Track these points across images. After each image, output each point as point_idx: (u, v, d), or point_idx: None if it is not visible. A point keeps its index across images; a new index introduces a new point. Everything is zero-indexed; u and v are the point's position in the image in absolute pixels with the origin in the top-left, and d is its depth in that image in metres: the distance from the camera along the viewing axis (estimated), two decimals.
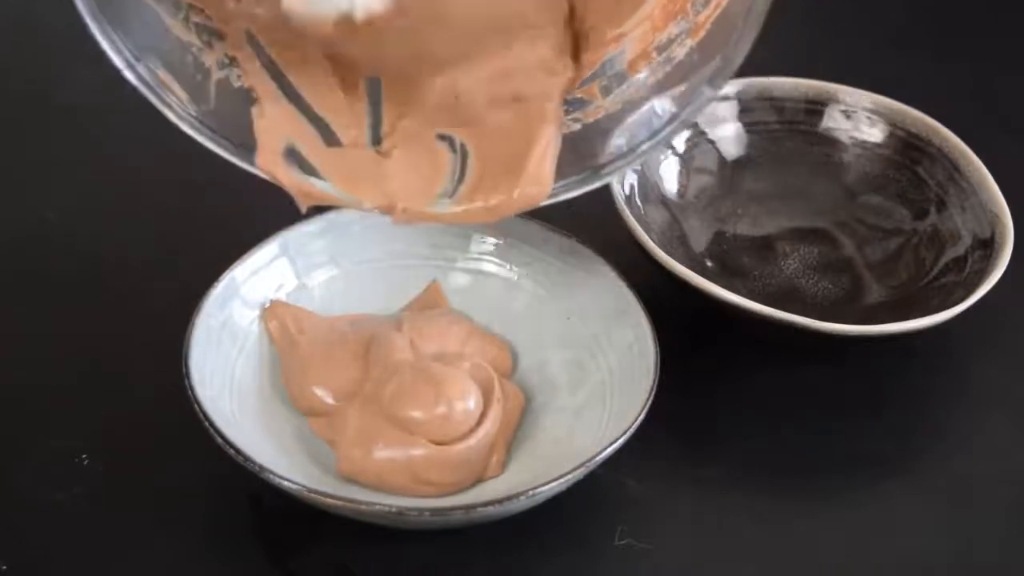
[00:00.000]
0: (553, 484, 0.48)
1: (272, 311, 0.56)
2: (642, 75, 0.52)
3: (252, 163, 0.50)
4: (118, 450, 0.54)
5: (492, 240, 0.59)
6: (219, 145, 0.50)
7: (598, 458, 0.49)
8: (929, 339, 0.57)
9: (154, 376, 0.54)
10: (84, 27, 0.47)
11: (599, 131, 0.53)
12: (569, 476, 0.48)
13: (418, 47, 0.50)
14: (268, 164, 0.50)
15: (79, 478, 0.52)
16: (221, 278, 0.54)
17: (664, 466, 0.55)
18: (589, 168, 0.52)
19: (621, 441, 0.49)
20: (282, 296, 0.56)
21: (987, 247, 0.59)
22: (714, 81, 0.50)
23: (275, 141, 0.51)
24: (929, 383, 0.60)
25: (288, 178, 0.51)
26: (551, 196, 0.52)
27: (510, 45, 0.51)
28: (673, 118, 0.51)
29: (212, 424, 0.48)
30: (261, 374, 0.54)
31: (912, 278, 0.62)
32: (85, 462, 0.53)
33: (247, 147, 0.50)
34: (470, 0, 0.49)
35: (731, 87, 0.65)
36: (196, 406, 0.49)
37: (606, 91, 0.53)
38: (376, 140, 0.53)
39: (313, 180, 0.52)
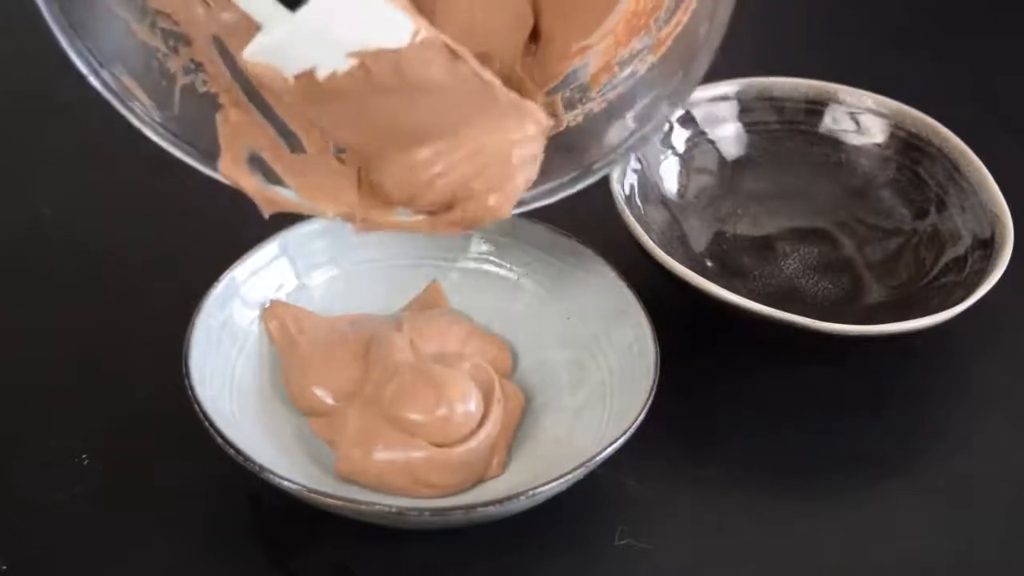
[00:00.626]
0: (553, 484, 0.48)
1: (272, 311, 0.56)
2: (605, 88, 0.52)
3: (215, 169, 0.50)
4: (118, 450, 0.54)
5: (492, 240, 0.59)
6: (183, 151, 0.50)
7: (598, 458, 0.49)
8: (929, 339, 0.57)
9: (154, 376, 0.54)
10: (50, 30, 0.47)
11: (563, 144, 0.53)
12: (569, 476, 0.48)
13: (385, 119, 0.49)
14: (231, 170, 0.51)
15: (79, 478, 0.52)
16: (221, 278, 0.54)
17: (664, 466, 0.55)
18: (548, 183, 0.52)
19: (621, 441, 0.49)
20: (282, 296, 0.56)
21: (987, 247, 0.59)
22: (674, 98, 0.51)
23: (238, 147, 0.51)
24: (929, 383, 0.60)
25: (251, 184, 0.51)
26: (515, 207, 0.52)
27: (489, 124, 0.50)
28: (633, 133, 0.51)
29: (212, 424, 0.48)
30: (261, 374, 0.54)
31: (912, 278, 0.62)
32: (85, 462, 0.53)
33: (211, 153, 0.51)
34: (438, 67, 0.48)
35: (731, 87, 0.66)
36: (196, 406, 0.49)
37: (569, 103, 0.53)
38: (340, 148, 0.53)
39: (276, 187, 0.52)
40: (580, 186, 0.52)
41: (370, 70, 0.47)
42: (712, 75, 0.65)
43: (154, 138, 0.50)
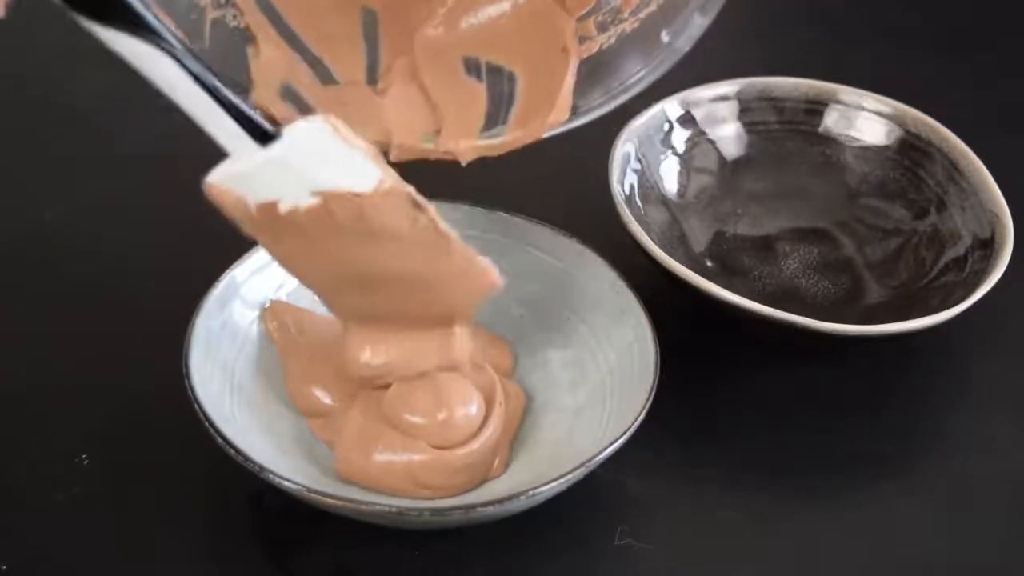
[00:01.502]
0: (553, 484, 0.48)
1: (272, 311, 0.56)
2: (637, 8, 0.52)
3: (248, 102, 0.50)
4: (118, 450, 0.54)
5: (492, 239, 0.58)
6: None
7: (598, 458, 0.49)
8: (929, 339, 0.57)
9: (154, 376, 0.54)
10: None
11: (597, 65, 0.53)
12: (569, 476, 0.48)
13: (341, 257, 0.49)
14: (265, 101, 0.50)
15: (79, 478, 0.52)
16: (221, 278, 0.54)
17: (664, 466, 0.55)
18: (585, 104, 0.52)
19: (621, 441, 0.49)
20: (282, 296, 0.56)
21: (987, 247, 0.59)
22: (705, 8, 0.50)
23: (271, 79, 0.51)
24: (929, 383, 0.60)
25: (285, 115, 0.51)
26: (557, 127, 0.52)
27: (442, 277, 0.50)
28: (666, 48, 0.51)
29: (212, 424, 0.48)
30: (261, 374, 0.54)
31: (912, 278, 0.62)
32: (85, 462, 0.53)
33: (243, 86, 0.50)
34: (398, 216, 0.48)
35: (731, 87, 0.66)
36: (196, 406, 0.49)
37: (602, 27, 0.53)
38: (372, 80, 0.53)
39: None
40: (616, 104, 0.52)
41: (332, 210, 0.47)
42: (712, 75, 0.66)
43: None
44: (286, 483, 0.47)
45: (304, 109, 0.51)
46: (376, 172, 0.47)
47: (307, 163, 0.46)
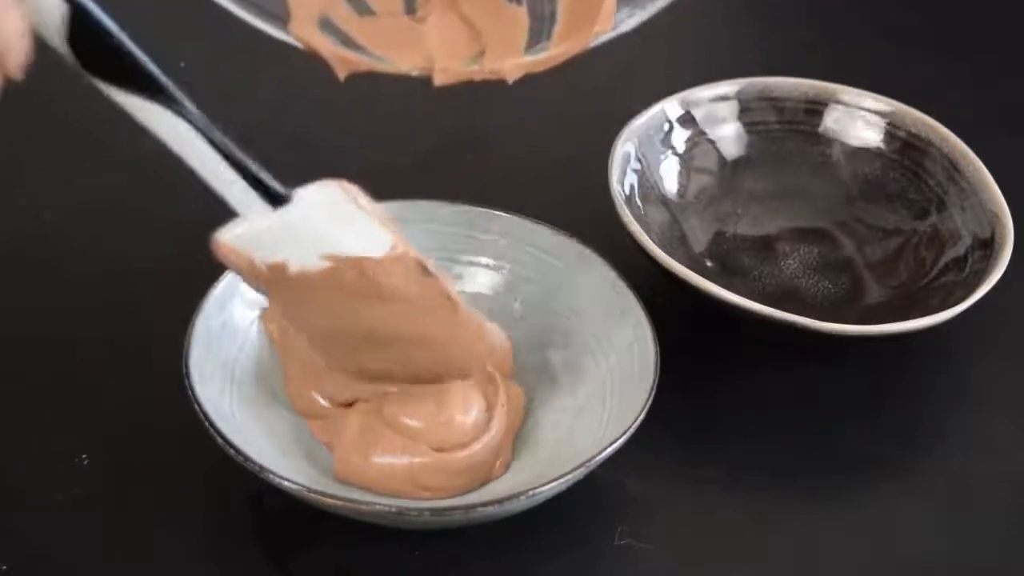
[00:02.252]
0: (553, 484, 0.48)
1: (272, 312, 0.55)
2: None
3: (287, 32, 0.50)
4: (118, 450, 0.54)
5: (492, 239, 0.59)
6: (251, 13, 0.50)
7: (598, 458, 0.49)
8: (929, 339, 0.57)
9: (154, 376, 0.54)
10: None
11: None
12: (569, 476, 0.48)
13: (348, 317, 0.50)
14: (303, 31, 0.50)
15: (79, 478, 0.52)
16: (221, 278, 0.54)
17: (664, 466, 0.55)
18: (632, 9, 0.52)
19: (621, 441, 0.49)
20: None
21: (987, 247, 0.59)
22: None
23: (308, 10, 0.51)
24: (929, 383, 0.60)
25: (324, 45, 0.51)
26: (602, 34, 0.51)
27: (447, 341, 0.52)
28: None
29: (212, 424, 0.48)
30: (261, 375, 0.54)
31: (912, 278, 0.62)
32: (85, 462, 0.53)
33: (280, 18, 0.50)
34: (407, 279, 0.49)
35: (731, 87, 0.66)
36: (196, 406, 0.49)
37: None
38: (411, 10, 0.53)
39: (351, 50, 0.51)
40: (665, 4, 0.51)
41: (342, 273, 0.48)
42: (712, 75, 0.65)
43: (221, 1, 0.49)
44: (286, 483, 0.47)
45: (344, 40, 0.51)
46: (388, 238, 0.48)
47: (319, 227, 0.48)
